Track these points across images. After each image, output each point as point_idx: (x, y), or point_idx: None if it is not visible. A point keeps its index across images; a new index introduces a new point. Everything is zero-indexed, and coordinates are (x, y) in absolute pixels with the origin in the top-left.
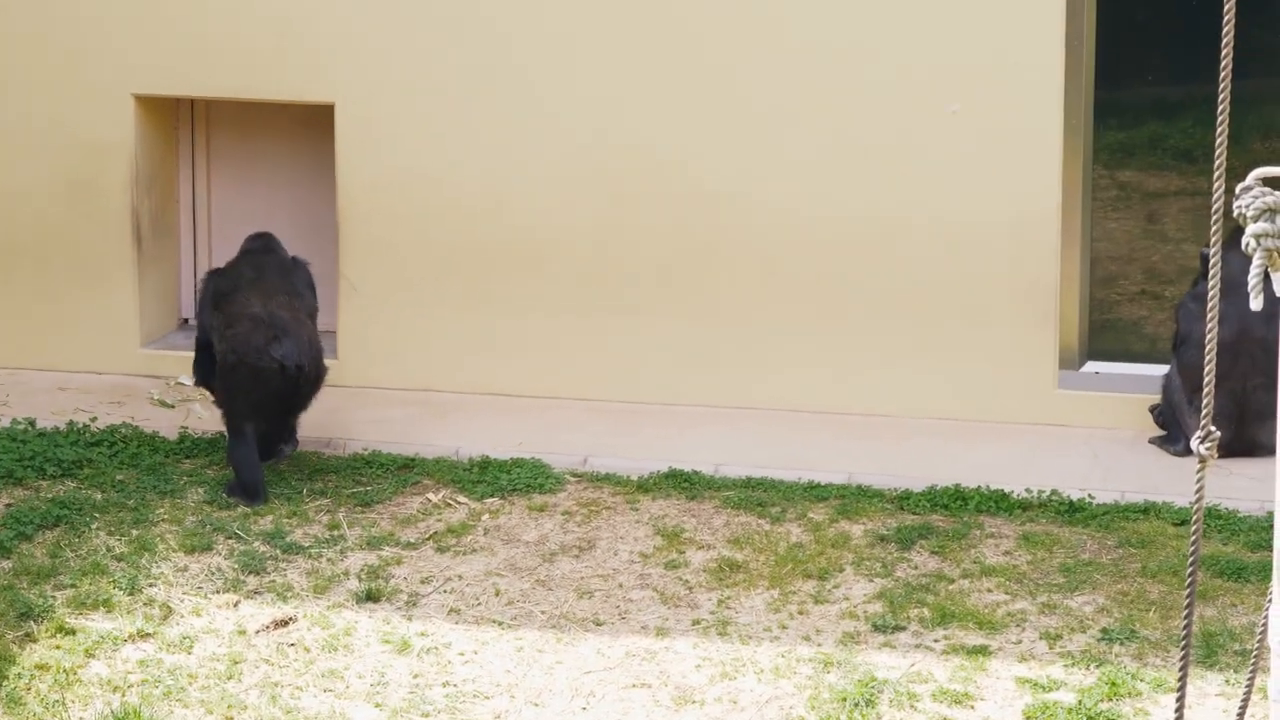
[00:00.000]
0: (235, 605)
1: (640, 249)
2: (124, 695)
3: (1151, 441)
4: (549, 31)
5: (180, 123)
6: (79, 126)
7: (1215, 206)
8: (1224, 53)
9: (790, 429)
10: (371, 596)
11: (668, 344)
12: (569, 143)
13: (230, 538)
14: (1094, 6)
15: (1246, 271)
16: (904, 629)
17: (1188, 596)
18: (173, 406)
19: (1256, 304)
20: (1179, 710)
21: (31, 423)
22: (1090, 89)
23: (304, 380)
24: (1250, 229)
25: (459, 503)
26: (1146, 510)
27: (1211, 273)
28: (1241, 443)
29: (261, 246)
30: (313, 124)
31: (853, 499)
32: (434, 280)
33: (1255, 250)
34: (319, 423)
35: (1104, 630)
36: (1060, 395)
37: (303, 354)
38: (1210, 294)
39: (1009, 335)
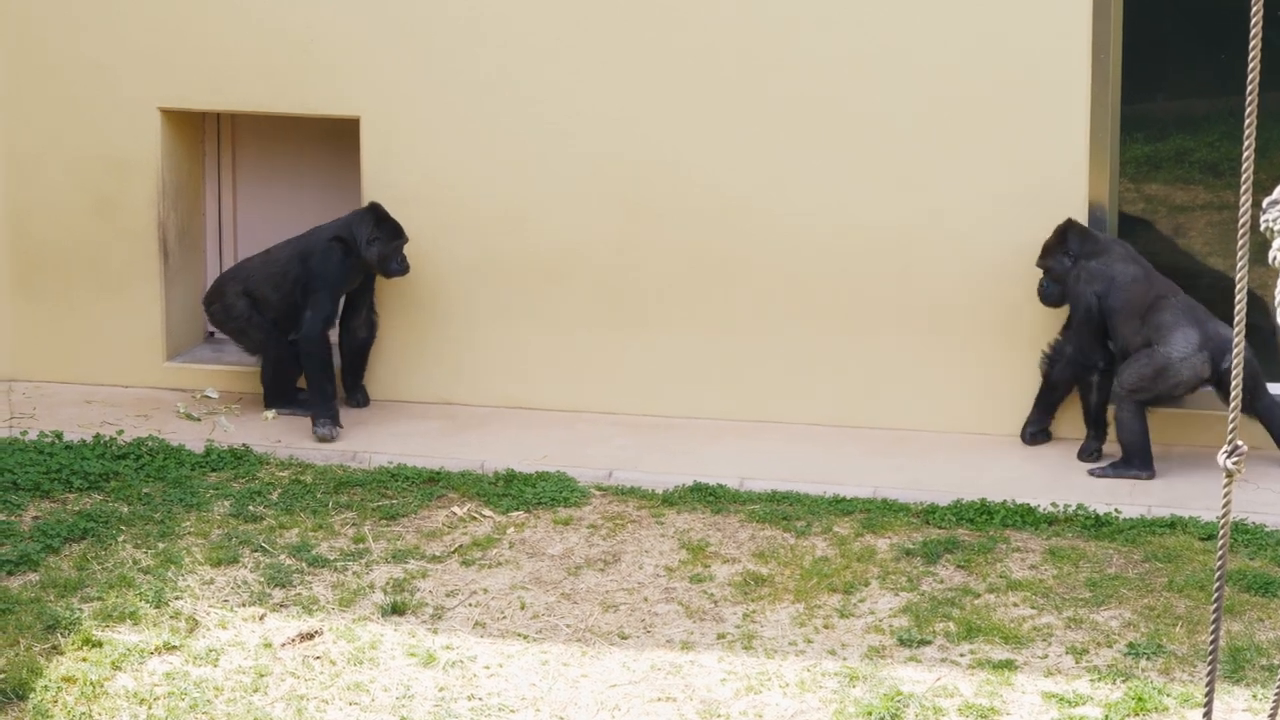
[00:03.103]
0: (261, 618)
1: (662, 263)
2: (150, 708)
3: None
4: (571, 47)
5: (206, 137)
6: (105, 141)
7: (1242, 220)
8: (1251, 66)
9: (815, 443)
10: (397, 609)
11: (691, 358)
12: (591, 157)
13: (256, 551)
14: (1120, 20)
15: None
16: (930, 643)
17: (1214, 611)
18: (199, 420)
19: None
20: None
21: (58, 435)
22: (1116, 103)
23: None
24: (1277, 243)
25: (484, 516)
26: (1173, 524)
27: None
28: None
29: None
30: (338, 138)
31: (878, 513)
32: (458, 294)
33: None
34: (344, 435)
35: (1130, 645)
36: None
37: None
38: (1237, 315)
39: (1033, 350)
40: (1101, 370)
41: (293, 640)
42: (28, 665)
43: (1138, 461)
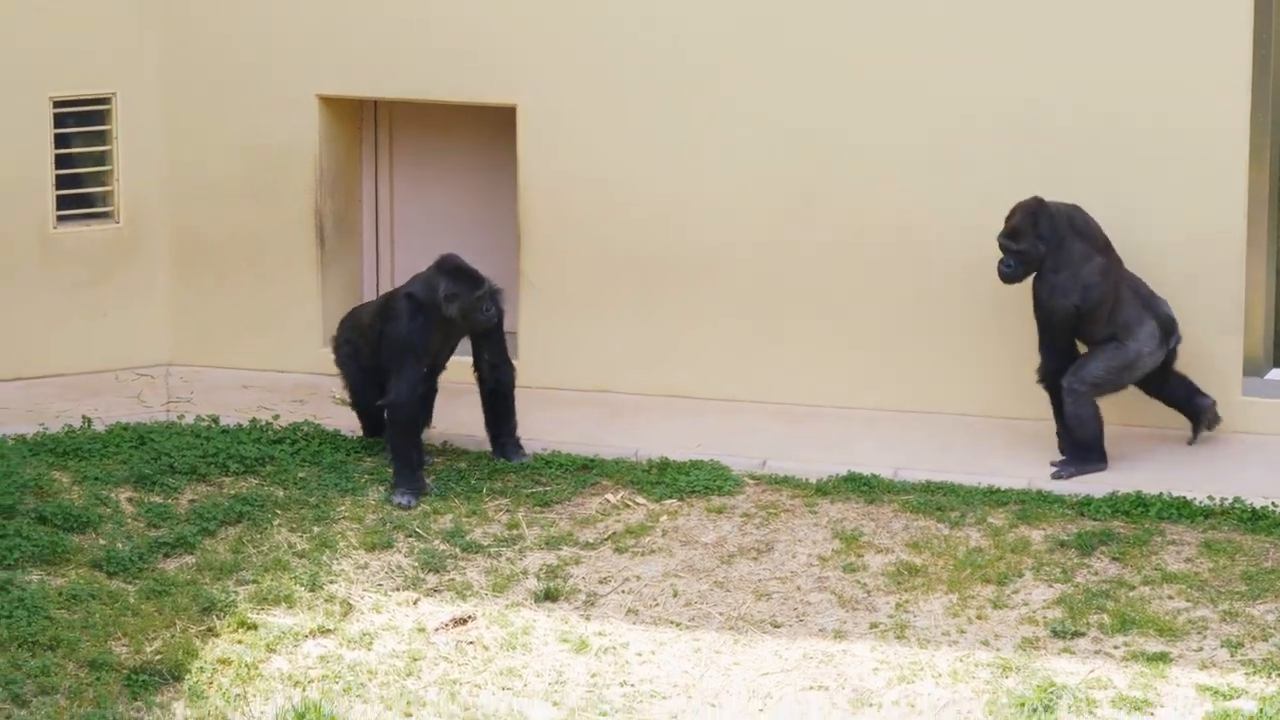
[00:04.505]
0: (415, 603)
1: (816, 253)
2: (304, 690)
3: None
4: (730, 37)
5: (364, 124)
6: (264, 128)
7: None
8: None
9: (970, 433)
10: (550, 596)
11: (846, 348)
12: (747, 148)
13: (410, 536)
14: None
15: None
16: (1083, 635)
17: None
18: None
19: None
20: None
21: (215, 420)
22: (1278, 97)
23: None
24: None
25: (637, 504)
26: None
27: None
28: None
29: None
30: (495, 125)
31: (1033, 504)
32: (614, 281)
33: None
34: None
35: None
36: (1244, 402)
37: None
38: None
39: (1194, 343)
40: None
41: (446, 625)
42: (184, 647)
43: (1095, 455)
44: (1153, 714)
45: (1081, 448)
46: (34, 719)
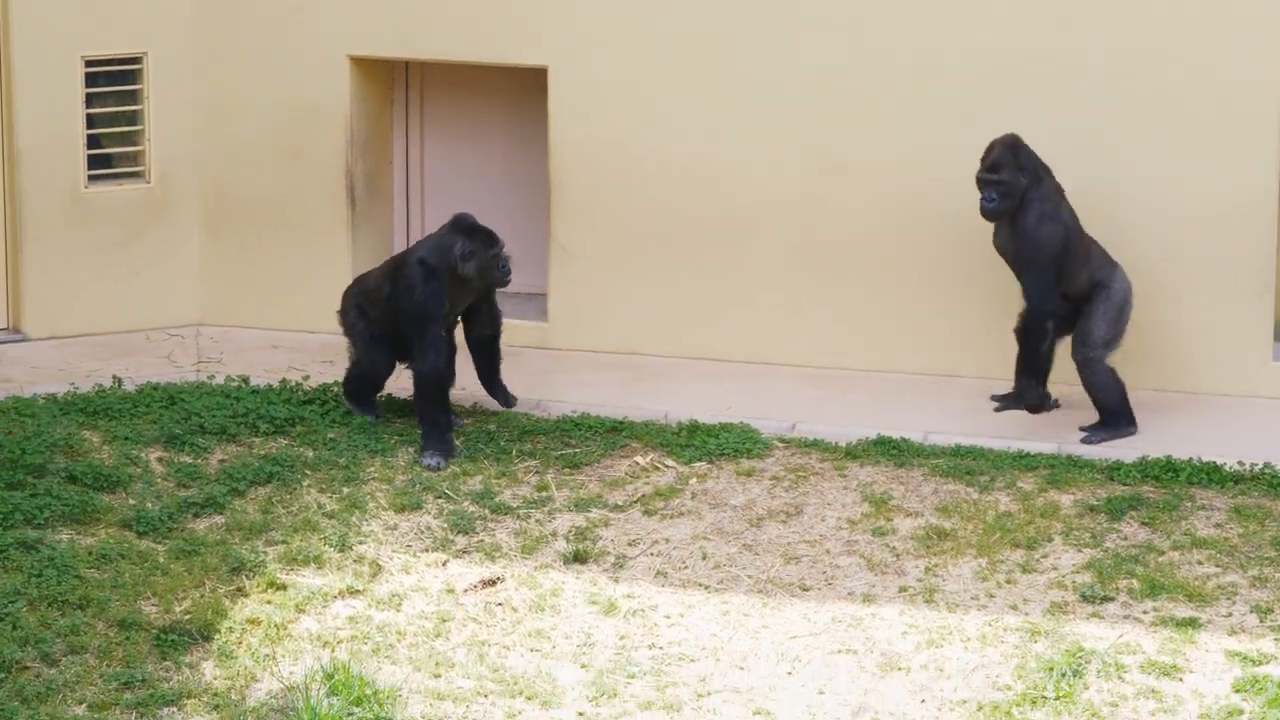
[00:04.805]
0: (444, 564)
1: (849, 218)
2: (333, 651)
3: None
4: (768, 2)
5: (395, 85)
6: (295, 89)
7: None
8: None
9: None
10: (579, 558)
11: (876, 312)
12: (779, 111)
13: (440, 497)
14: None
15: None
16: (1113, 600)
17: None
18: None
19: None
20: None
21: (245, 380)
22: None
23: None
24: None
25: (667, 466)
26: None
27: None
28: None
29: None
30: (526, 87)
31: (1062, 469)
32: (644, 245)
33: None
34: (529, 385)
35: None
36: (1276, 368)
37: None
38: None
39: (1223, 308)
40: (1060, 316)
41: (475, 586)
42: (213, 607)
43: (1125, 419)
44: (1181, 679)
45: (1110, 413)
46: (63, 678)
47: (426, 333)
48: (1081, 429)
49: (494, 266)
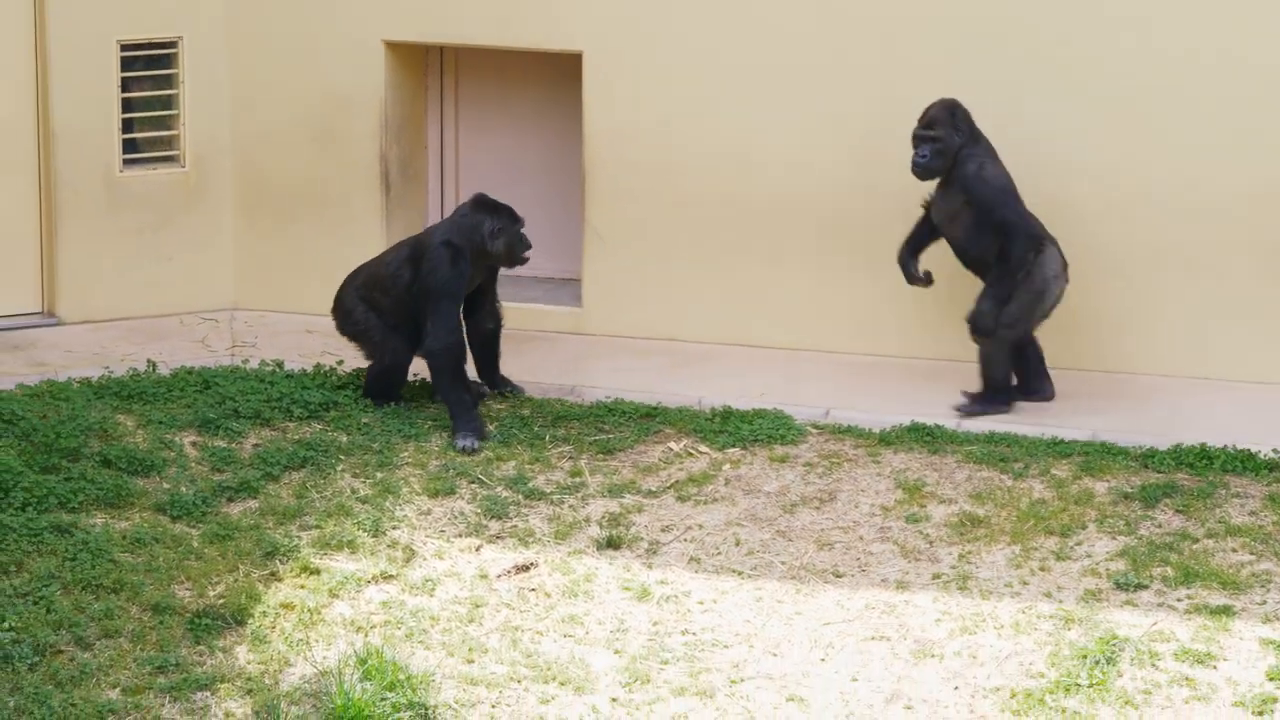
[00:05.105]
0: (477, 549)
1: (884, 203)
2: (366, 636)
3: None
4: None
5: (429, 71)
6: (329, 74)
7: None
8: None
9: None
10: (612, 543)
11: (910, 297)
12: (814, 95)
13: (473, 482)
14: None
15: None
16: (1146, 587)
17: None
18: None
19: None
20: None
21: (279, 364)
22: None
23: None
24: None
25: (700, 452)
26: None
27: None
28: None
29: None
30: (560, 72)
31: (1096, 456)
32: (679, 230)
33: None
34: (563, 370)
35: None
36: None
37: None
38: None
39: (1258, 293)
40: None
41: (508, 572)
42: (247, 591)
43: (1004, 396)
44: (1215, 667)
45: (991, 388)
46: (97, 661)
47: (444, 310)
48: (958, 407)
49: (520, 242)
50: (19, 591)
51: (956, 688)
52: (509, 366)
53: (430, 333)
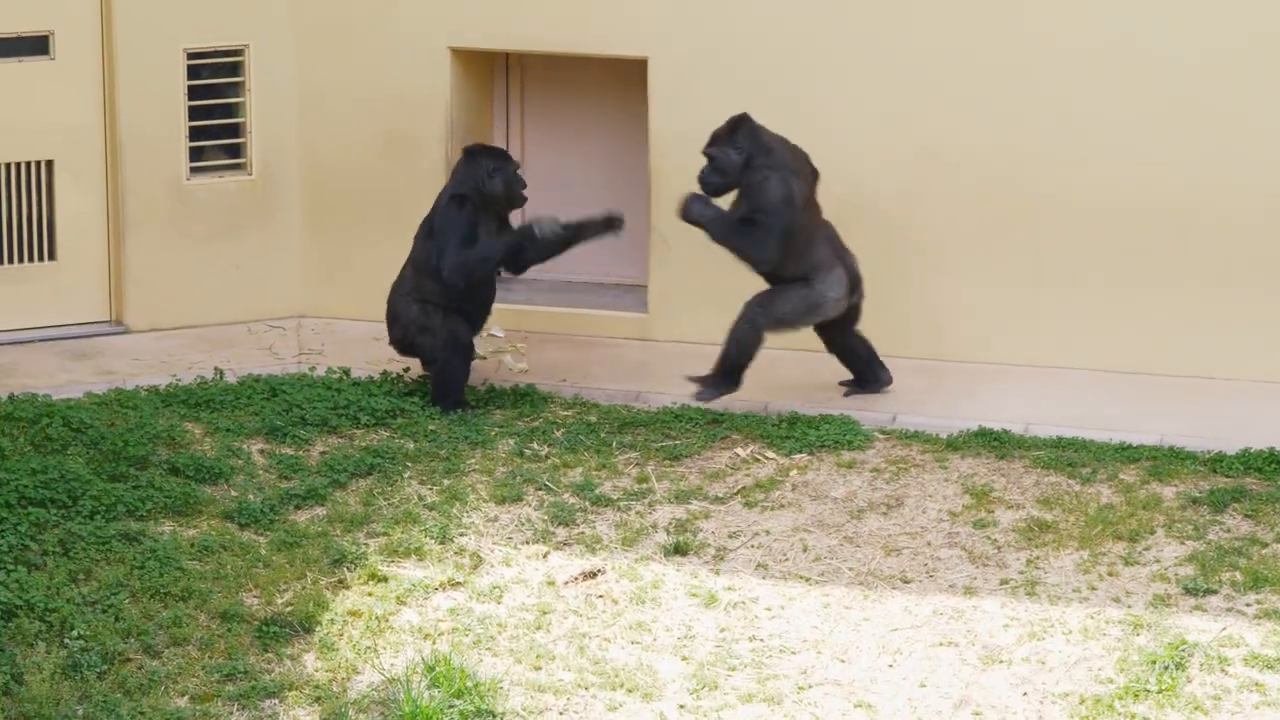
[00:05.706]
0: (544, 556)
1: (955, 210)
2: (434, 643)
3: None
4: None
5: (496, 76)
6: (396, 80)
7: None
8: None
9: (1102, 389)
10: (679, 550)
11: (979, 302)
12: (877, 99)
13: (540, 489)
14: None
15: None
16: (1215, 592)
17: None
18: (484, 358)
19: None
20: None
21: (346, 372)
22: None
23: None
24: None
25: (767, 458)
26: None
27: None
28: None
29: None
30: (626, 78)
31: (1165, 460)
32: None
33: None
34: (629, 376)
35: None
36: None
37: None
38: None
39: None
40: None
41: (576, 578)
42: (314, 599)
43: (735, 380)
44: None
45: (726, 370)
46: (166, 669)
47: (451, 243)
48: (696, 395)
49: (516, 182)
50: (88, 600)
51: (1025, 694)
52: (573, 372)
53: (443, 265)
